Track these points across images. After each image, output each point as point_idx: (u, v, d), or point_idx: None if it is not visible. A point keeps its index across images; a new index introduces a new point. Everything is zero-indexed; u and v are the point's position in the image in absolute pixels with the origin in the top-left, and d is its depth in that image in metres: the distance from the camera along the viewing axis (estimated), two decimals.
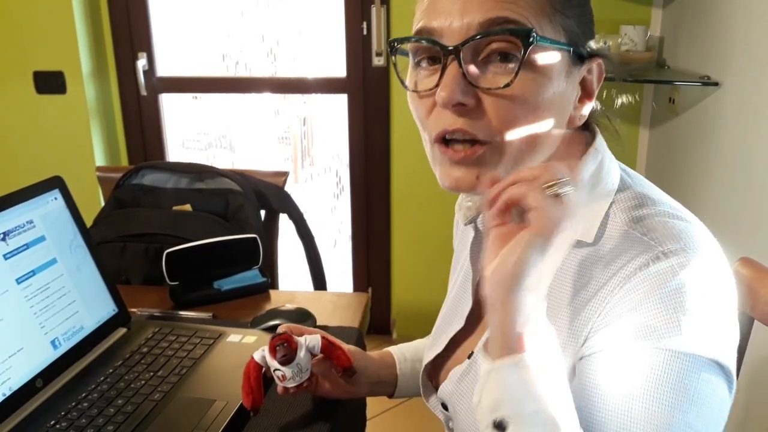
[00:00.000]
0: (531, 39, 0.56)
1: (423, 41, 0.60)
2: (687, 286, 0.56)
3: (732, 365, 0.58)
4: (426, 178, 2.41)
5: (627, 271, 0.58)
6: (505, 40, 0.57)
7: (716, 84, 1.71)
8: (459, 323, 0.78)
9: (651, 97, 2.24)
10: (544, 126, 0.61)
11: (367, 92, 2.41)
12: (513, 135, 0.59)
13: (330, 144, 3.97)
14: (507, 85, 0.57)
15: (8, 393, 0.80)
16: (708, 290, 0.58)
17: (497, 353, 0.54)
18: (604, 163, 0.67)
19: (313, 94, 2.78)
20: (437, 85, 0.59)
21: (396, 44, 0.64)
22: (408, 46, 0.63)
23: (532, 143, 0.61)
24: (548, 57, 0.59)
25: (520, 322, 0.53)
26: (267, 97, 3.29)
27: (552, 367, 0.54)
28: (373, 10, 2.28)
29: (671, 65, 2.06)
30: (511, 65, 0.58)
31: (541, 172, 0.54)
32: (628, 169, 0.70)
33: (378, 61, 2.35)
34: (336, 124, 2.88)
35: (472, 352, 0.74)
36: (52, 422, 0.79)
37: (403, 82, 0.65)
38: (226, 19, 2.84)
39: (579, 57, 0.62)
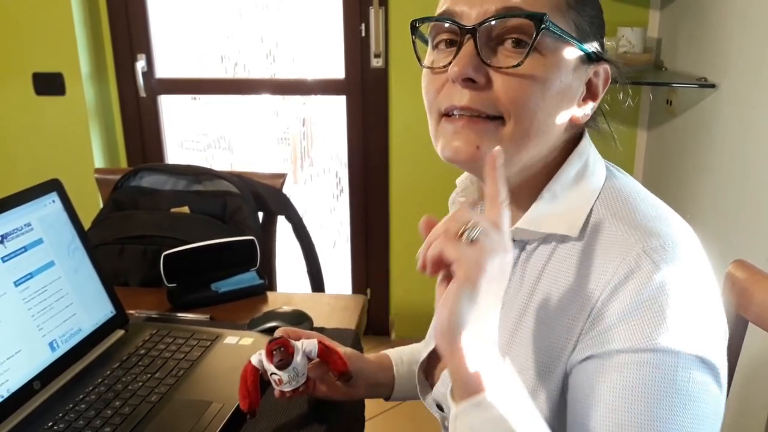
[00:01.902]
0: (544, 23, 0.59)
1: (443, 20, 0.63)
2: (669, 285, 0.57)
3: (719, 361, 0.58)
4: (424, 178, 2.43)
5: (613, 278, 0.59)
6: (518, 24, 0.60)
7: (713, 86, 1.71)
8: None
9: (648, 98, 2.25)
10: (550, 112, 0.62)
11: (365, 94, 2.42)
12: (521, 115, 0.61)
13: (330, 145, 3.98)
14: (517, 65, 0.60)
15: (6, 395, 0.80)
16: (690, 287, 0.58)
17: (460, 397, 0.55)
18: (589, 161, 0.68)
19: (313, 96, 2.79)
20: (451, 62, 0.61)
21: (417, 24, 0.67)
22: (428, 29, 0.66)
23: (535, 129, 0.62)
24: (558, 45, 0.61)
25: (473, 364, 0.53)
26: (266, 99, 3.30)
27: (516, 401, 0.55)
28: (372, 11, 2.29)
29: (668, 67, 2.07)
30: (522, 48, 0.60)
31: (448, 224, 0.55)
32: (614, 169, 0.71)
33: (376, 63, 2.35)
34: (336, 125, 2.88)
35: None
36: (50, 424, 0.80)
37: (419, 59, 0.68)
38: (225, 20, 2.84)
39: (587, 57, 0.64)
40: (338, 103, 2.50)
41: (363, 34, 2.34)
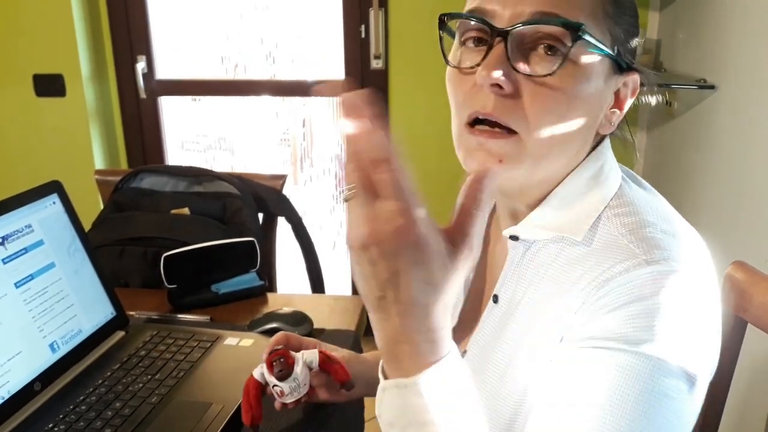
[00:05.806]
0: (580, 32, 0.57)
1: (475, 19, 0.61)
2: (663, 295, 0.56)
3: (701, 376, 0.57)
4: (423, 179, 2.42)
5: (607, 274, 0.57)
6: (553, 32, 0.58)
7: (712, 87, 1.71)
8: (453, 321, 0.79)
9: (648, 99, 2.25)
10: (574, 124, 0.61)
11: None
12: (544, 128, 0.59)
13: (330, 146, 3.98)
14: (550, 74, 0.57)
15: (6, 396, 0.81)
16: (686, 302, 0.57)
17: (390, 372, 0.49)
18: (604, 167, 0.66)
19: (313, 97, 2.79)
20: (479, 64, 0.59)
21: (446, 19, 0.64)
22: (456, 24, 0.64)
23: (557, 141, 0.61)
24: (592, 56, 0.60)
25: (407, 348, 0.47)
26: (266, 100, 3.30)
27: (454, 399, 0.49)
28: (372, 13, 2.29)
29: (668, 68, 2.07)
30: (555, 57, 0.58)
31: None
32: (631, 178, 0.69)
33: (376, 64, 2.35)
34: (335, 126, 2.88)
35: (465, 351, 0.75)
36: (50, 425, 0.80)
37: (445, 57, 0.65)
38: (225, 21, 2.85)
39: (618, 66, 0.63)
40: (338, 105, 2.50)
41: (363, 35, 2.34)
